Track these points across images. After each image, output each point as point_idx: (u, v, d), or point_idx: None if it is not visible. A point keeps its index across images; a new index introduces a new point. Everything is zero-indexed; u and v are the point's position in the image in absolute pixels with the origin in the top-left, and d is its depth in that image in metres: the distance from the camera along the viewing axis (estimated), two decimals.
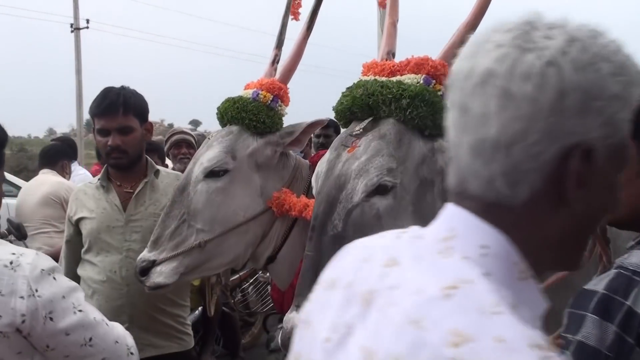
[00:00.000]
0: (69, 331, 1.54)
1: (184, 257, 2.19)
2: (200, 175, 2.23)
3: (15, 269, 1.49)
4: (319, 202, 1.65)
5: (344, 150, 1.69)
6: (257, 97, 2.33)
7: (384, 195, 1.60)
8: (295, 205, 2.23)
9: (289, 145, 2.36)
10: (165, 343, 2.72)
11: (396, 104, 1.67)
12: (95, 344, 1.60)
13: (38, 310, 1.48)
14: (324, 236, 1.57)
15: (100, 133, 2.63)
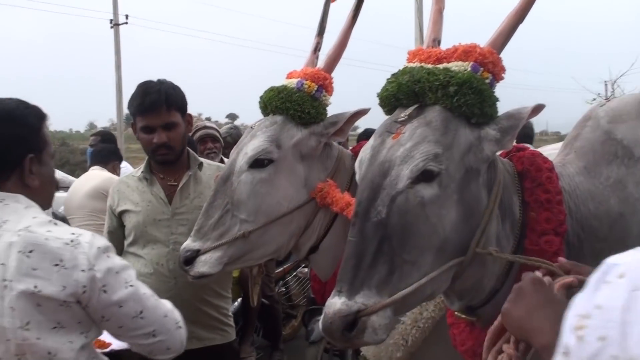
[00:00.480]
0: (121, 303, 1.69)
1: (228, 247, 2.19)
2: (244, 165, 2.23)
3: (75, 246, 1.65)
4: (362, 188, 1.64)
5: (388, 136, 1.68)
6: (301, 87, 2.32)
7: (429, 183, 1.58)
8: (338, 201, 2.22)
9: (332, 135, 2.35)
10: (209, 335, 2.77)
11: (443, 91, 1.65)
12: (146, 316, 1.74)
13: (95, 283, 1.65)
14: (367, 222, 1.56)
15: (144, 130, 2.66)
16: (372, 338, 1.50)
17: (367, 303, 1.49)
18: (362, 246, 1.54)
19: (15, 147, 1.75)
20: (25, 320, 1.61)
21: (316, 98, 2.34)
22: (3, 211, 1.70)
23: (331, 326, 1.48)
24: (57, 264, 1.62)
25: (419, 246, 1.56)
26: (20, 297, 1.60)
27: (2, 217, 1.68)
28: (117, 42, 26.33)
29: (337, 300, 1.50)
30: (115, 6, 26.63)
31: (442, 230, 1.59)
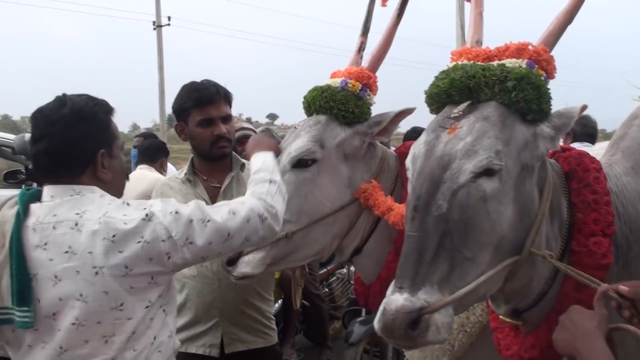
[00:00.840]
0: (209, 241, 1.83)
1: (270, 248, 2.17)
2: (287, 165, 2.21)
3: (151, 219, 1.76)
4: (420, 182, 1.61)
5: (442, 131, 1.66)
6: (345, 86, 2.29)
7: (490, 177, 1.56)
8: (380, 205, 2.19)
9: (376, 135, 2.31)
10: (253, 338, 2.76)
11: (500, 87, 1.64)
12: (234, 234, 1.88)
13: (177, 244, 1.78)
14: (428, 216, 1.53)
15: (202, 124, 2.65)
16: (436, 337, 1.46)
17: (429, 300, 1.45)
18: (424, 241, 1.51)
19: (87, 144, 1.84)
20: (120, 302, 1.73)
21: (360, 97, 2.31)
22: (81, 202, 1.78)
23: (393, 323, 1.44)
24: (139, 241, 1.73)
25: (480, 242, 1.53)
26: (114, 281, 1.71)
27: (81, 207, 1.77)
28: (160, 44, 26.75)
29: (399, 296, 1.46)
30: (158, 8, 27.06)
31: (500, 227, 1.57)
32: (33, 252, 1.74)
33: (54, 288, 1.72)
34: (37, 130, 1.84)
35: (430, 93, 1.80)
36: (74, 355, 1.74)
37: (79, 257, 1.71)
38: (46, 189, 1.85)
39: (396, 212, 2.15)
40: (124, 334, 1.76)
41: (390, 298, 1.48)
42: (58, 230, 1.74)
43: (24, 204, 1.80)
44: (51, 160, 1.82)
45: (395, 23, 2.38)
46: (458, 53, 1.82)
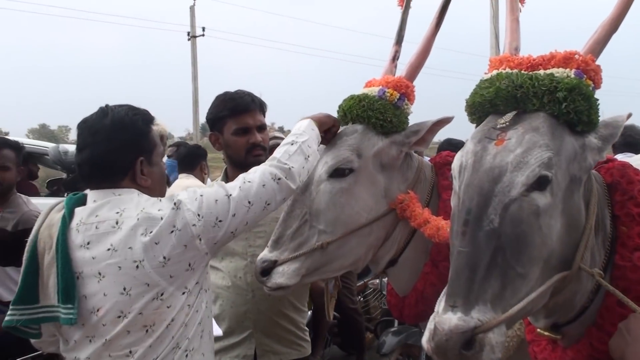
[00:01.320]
0: (234, 213, 1.94)
1: (305, 259, 2.14)
2: (324, 174, 2.18)
3: (179, 207, 1.87)
4: (470, 195, 1.55)
5: (490, 142, 1.61)
6: (383, 95, 2.26)
7: (542, 192, 1.52)
8: (416, 217, 2.15)
9: (414, 145, 2.28)
10: (286, 350, 2.75)
11: (549, 97, 1.59)
12: (254, 202, 1.98)
13: (207, 226, 1.89)
14: (480, 231, 1.48)
15: (238, 133, 2.68)
16: (490, 357, 1.40)
17: (482, 319, 1.39)
18: (476, 257, 1.46)
19: (126, 152, 1.95)
20: (160, 291, 1.84)
21: (398, 106, 2.28)
22: (120, 201, 1.90)
23: (447, 344, 1.39)
24: (172, 231, 1.84)
25: (532, 258, 1.49)
26: (155, 272, 1.82)
27: (120, 206, 1.88)
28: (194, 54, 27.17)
29: (452, 315, 1.41)
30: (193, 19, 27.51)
31: (551, 241, 1.52)
32: (77, 251, 1.86)
33: (99, 284, 1.83)
34: (81, 140, 1.97)
35: (472, 102, 1.75)
36: (117, 346, 1.85)
37: (119, 253, 1.82)
38: (89, 194, 1.96)
39: (432, 224, 2.11)
40: (163, 323, 1.86)
41: (442, 317, 1.42)
42: (100, 229, 1.86)
43: (70, 207, 1.93)
44: (93, 167, 1.94)
45: (434, 32, 2.34)
46: (498, 61, 1.77)
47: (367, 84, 2.39)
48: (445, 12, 2.34)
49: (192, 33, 27.38)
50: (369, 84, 2.38)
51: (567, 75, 1.62)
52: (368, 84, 2.39)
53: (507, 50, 1.84)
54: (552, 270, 1.54)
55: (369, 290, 5.71)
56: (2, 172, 3.81)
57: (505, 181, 1.51)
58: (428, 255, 2.25)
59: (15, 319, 1.90)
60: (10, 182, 3.87)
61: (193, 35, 27.35)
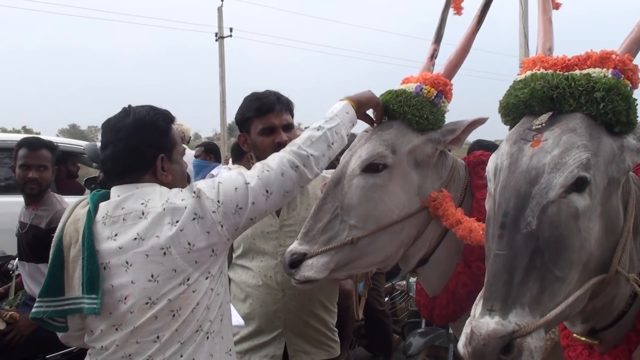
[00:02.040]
0: (253, 201, 2.02)
1: (335, 253, 2.13)
2: (357, 169, 2.17)
3: (199, 196, 1.96)
4: (507, 197, 1.53)
5: (525, 144, 1.58)
6: (420, 92, 2.24)
7: (580, 193, 1.49)
8: (449, 216, 2.13)
9: (449, 143, 2.26)
10: (316, 350, 2.76)
11: (587, 97, 1.56)
12: (272, 190, 2.06)
13: (227, 213, 1.98)
14: (517, 234, 1.45)
15: (263, 132, 2.67)
16: None
17: (520, 323, 1.37)
18: (513, 260, 1.43)
19: (147, 149, 2.04)
20: (187, 277, 1.92)
21: (435, 104, 2.26)
22: (144, 193, 1.99)
23: (485, 348, 1.36)
24: (194, 218, 1.93)
25: (570, 261, 1.46)
26: (181, 258, 1.91)
27: (144, 197, 1.98)
28: (222, 55, 27.30)
29: (490, 319, 1.38)
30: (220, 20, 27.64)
31: (589, 244, 1.49)
32: (104, 243, 1.95)
33: (126, 273, 1.92)
34: (105, 139, 2.08)
35: (506, 103, 1.72)
36: (144, 332, 1.92)
37: (146, 241, 1.91)
38: (113, 189, 2.06)
39: (465, 225, 2.09)
40: (189, 307, 1.94)
41: (479, 321, 1.40)
42: (127, 221, 1.95)
43: (95, 202, 2.03)
44: (116, 163, 2.04)
45: (475, 30, 2.32)
46: (532, 62, 1.74)
47: (405, 80, 2.38)
48: (488, 9, 2.32)
49: (220, 34, 27.50)
50: (406, 81, 2.36)
51: (605, 75, 1.59)
52: (405, 80, 2.37)
53: (540, 50, 1.81)
54: (590, 274, 1.52)
55: (397, 292, 5.67)
56: (40, 172, 3.92)
57: (543, 183, 1.49)
58: (460, 255, 2.23)
59: (42, 311, 1.98)
60: (47, 181, 3.98)
61: (221, 36, 27.47)
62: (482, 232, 1.88)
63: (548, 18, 1.86)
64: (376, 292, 5.02)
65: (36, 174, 3.90)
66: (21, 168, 3.91)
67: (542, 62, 1.71)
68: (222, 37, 27.49)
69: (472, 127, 2.27)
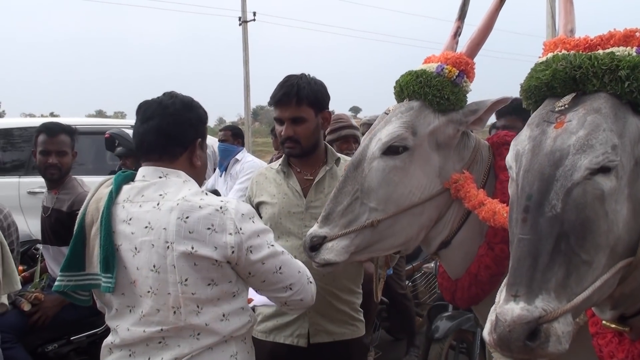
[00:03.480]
0: (264, 261, 2.02)
1: (355, 236, 2.12)
2: (377, 151, 2.15)
3: (224, 212, 1.97)
4: (530, 180, 1.50)
5: (549, 126, 1.55)
6: (441, 72, 2.21)
7: (606, 174, 1.45)
8: (471, 198, 2.10)
9: (471, 124, 2.22)
10: (339, 330, 2.79)
11: (611, 76, 1.52)
12: (284, 271, 2.07)
13: (242, 244, 1.97)
14: (541, 217, 1.42)
15: (277, 122, 2.77)
16: (557, 347, 1.35)
17: (547, 308, 1.34)
18: (538, 244, 1.41)
19: (190, 130, 2.12)
20: (185, 277, 1.93)
21: (457, 84, 2.22)
22: (165, 184, 2.03)
23: (510, 335, 1.34)
24: (209, 228, 1.94)
25: (597, 244, 1.43)
26: (180, 257, 1.92)
27: (165, 189, 2.02)
28: (245, 39, 27.35)
29: (515, 305, 1.36)
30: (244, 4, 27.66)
31: (617, 227, 1.46)
32: (120, 225, 2.01)
33: (134, 258, 1.98)
34: (149, 111, 2.10)
35: (527, 86, 1.69)
36: (149, 321, 1.97)
37: (155, 232, 1.95)
38: (141, 169, 2.11)
39: (488, 207, 2.05)
40: (189, 308, 1.95)
41: (504, 307, 1.37)
42: (143, 208, 2.00)
43: (118, 184, 2.08)
44: (159, 136, 2.07)
45: (498, 7, 2.27)
46: (553, 44, 1.69)
47: (426, 60, 2.34)
48: None
49: (244, 18, 27.56)
50: (428, 60, 2.33)
51: (629, 53, 1.54)
52: (427, 60, 2.34)
53: (561, 32, 1.76)
54: (618, 257, 1.48)
55: (418, 274, 5.64)
56: (61, 157, 3.99)
57: (568, 164, 1.45)
58: (483, 238, 2.21)
59: (64, 284, 2.09)
60: (67, 166, 4.06)
61: (244, 20, 27.52)
62: (506, 214, 1.85)
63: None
64: (397, 275, 5.02)
65: (56, 159, 3.99)
66: (41, 154, 4.01)
67: (563, 43, 1.67)
68: (245, 21, 27.54)
69: (495, 107, 2.22)
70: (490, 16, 2.28)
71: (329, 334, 2.75)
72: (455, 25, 2.37)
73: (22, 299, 3.88)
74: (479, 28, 2.30)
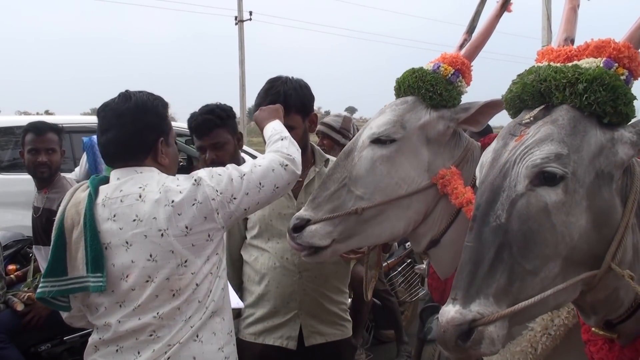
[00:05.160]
0: (246, 192, 2.16)
1: (339, 222, 2.16)
2: (366, 140, 2.20)
3: (200, 183, 2.08)
4: (482, 191, 1.56)
5: (511, 139, 1.60)
6: (437, 69, 2.28)
7: (552, 187, 1.48)
8: (458, 195, 2.12)
9: (463, 123, 2.26)
10: (331, 330, 2.82)
11: (571, 89, 1.56)
12: (265, 183, 2.20)
13: (224, 202, 2.10)
14: (486, 227, 1.48)
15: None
16: (489, 349, 1.42)
17: (482, 312, 1.41)
18: (480, 252, 1.47)
19: (150, 133, 2.16)
20: (184, 259, 2.04)
21: (451, 82, 2.27)
22: (142, 178, 2.11)
23: (444, 335, 1.43)
24: (194, 204, 2.05)
25: (543, 255, 1.47)
26: (177, 240, 2.02)
27: (142, 182, 2.09)
28: (241, 38, 27.35)
29: (451, 308, 1.43)
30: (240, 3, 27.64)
31: (570, 239, 1.49)
32: (104, 224, 2.06)
33: (127, 252, 2.03)
34: (106, 122, 2.16)
35: (505, 98, 1.75)
36: (146, 309, 2.04)
37: (145, 223, 2.02)
38: (113, 172, 2.17)
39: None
40: (188, 287, 2.05)
41: (443, 309, 1.46)
42: (125, 202, 2.06)
43: (95, 186, 2.14)
44: (119, 147, 2.14)
45: (498, 14, 2.33)
46: (541, 54, 1.74)
47: (429, 63, 2.38)
48: None
49: (240, 17, 27.52)
50: (430, 63, 2.37)
51: (597, 65, 1.57)
52: (429, 63, 2.38)
53: (557, 41, 1.79)
54: (577, 267, 1.52)
55: (393, 273, 5.63)
56: (50, 155, 4.00)
57: (513, 175, 1.51)
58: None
59: (47, 291, 2.10)
60: (56, 164, 4.07)
61: (240, 19, 27.49)
62: None
63: (572, 7, 1.82)
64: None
65: (45, 157, 4.01)
66: (30, 153, 4.03)
67: (549, 53, 1.71)
68: (241, 20, 27.50)
69: (488, 110, 2.25)
70: (491, 22, 2.33)
71: (322, 335, 2.78)
72: (463, 37, 2.42)
73: (15, 298, 3.88)
74: (478, 32, 2.36)
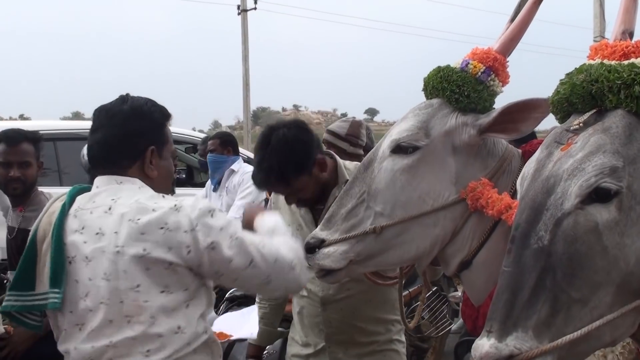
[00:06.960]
0: (231, 259, 2.05)
1: (356, 242, 2.16)
2: (387, 149, 2.20)
3: (178, 210, 2.04)
4: (522, 208, 1.55)
5: (557, 148, 1.59)
6: (465, 67, 2.25)
7: (604, 204, 1.47)
8: (494, 203, 2.09)
9: (489, 131, 2.19)
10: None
11: (627, 92, 1.55)
12: (257, 265, 2.09)
13: (199, 242, 2.01)
14: (526, 250, 1.48)
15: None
16: None
17: (520, 347, 1.40)
18: (519, 278, 1.46)
19: (139, 139, 2.21)
20: (136, 283, 2.01)
21: (481, 81, 2.24)
22: (118, 189, 2.13)
23: None
24: (162, 227, 2.01)
25: (592, 282, 1.46)
26: (131, 261, 2.00)
27: (117, 194, 2.11)
28: (245, 31, 27.20)
29: (486, 341, 1.43)
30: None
31: (625, 263, 1.48)
32: (72, 236, 2.10)
33: (86, 268, 2.06)
34: (97, 122, 2.24)
35: (552, 100, 1.73)
36: (100, 335, 2.03)
37: (106, 237, 2.04)
38: (96, 180, 2.22)
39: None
40: (143, 317, 2.03)
41: (477, 343, 1.45)
42: (94, 214, 2.09)
43: (71, 196, 2.19)
44: (104, 150, 2.20)
45: (537, 1, 2.27)
46: (595, 49, 1.71)
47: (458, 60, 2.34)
48: None
49: (243, 6, 27.40)
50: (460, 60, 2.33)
51: None
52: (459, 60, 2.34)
53: (613, 34, 1.76)
54: (635, 296, 1.50)
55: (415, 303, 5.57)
56: (24, 168, 3.82)
57: (559, 192, 1.49)
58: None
59: (10, 305, 2.16)
60: (32, 178, 3.88)
61: (244, 8, 27.37)
62: None
63: None
64: None
65: (18, 171, 3.81)
66: (1, 166, 3.84)
67: (603, 49, 1.68)
68: (245, 9, 27.45)
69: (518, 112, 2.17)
70: (528, 11, 2.29)
71: None
72: (506, 26, 2.37)
73: None
74: (514, 23, 2.32)
